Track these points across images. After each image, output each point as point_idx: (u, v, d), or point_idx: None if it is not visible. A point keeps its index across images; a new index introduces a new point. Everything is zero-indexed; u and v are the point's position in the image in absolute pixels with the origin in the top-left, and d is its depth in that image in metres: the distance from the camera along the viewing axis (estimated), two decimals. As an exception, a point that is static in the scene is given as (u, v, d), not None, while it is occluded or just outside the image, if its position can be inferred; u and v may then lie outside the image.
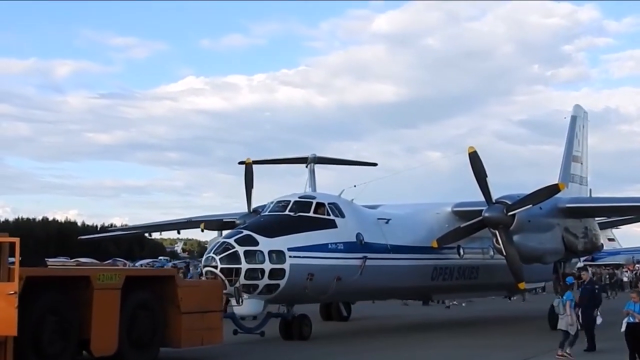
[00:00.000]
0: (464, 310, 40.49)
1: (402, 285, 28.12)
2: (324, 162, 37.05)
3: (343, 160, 39.12)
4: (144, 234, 52.12)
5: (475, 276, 30.97)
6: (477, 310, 39.94)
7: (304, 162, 35.85)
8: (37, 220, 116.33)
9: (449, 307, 41.09)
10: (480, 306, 42.03)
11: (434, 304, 39.98)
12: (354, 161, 39.86)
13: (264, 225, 24.90)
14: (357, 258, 26.00)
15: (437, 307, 40.78)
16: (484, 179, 27.07)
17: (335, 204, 26.23)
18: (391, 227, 27.74)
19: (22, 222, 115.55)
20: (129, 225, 54.20)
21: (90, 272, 18.31)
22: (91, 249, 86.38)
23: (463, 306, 42.63)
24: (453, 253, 29.79)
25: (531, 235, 27.78)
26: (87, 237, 54.56)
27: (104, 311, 18.23)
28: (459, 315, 37.69)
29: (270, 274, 23.84)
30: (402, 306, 39.65)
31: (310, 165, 35.47)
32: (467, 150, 27.21)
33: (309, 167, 35.52)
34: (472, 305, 42.72)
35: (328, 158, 37.59)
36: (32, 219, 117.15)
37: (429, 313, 37.49)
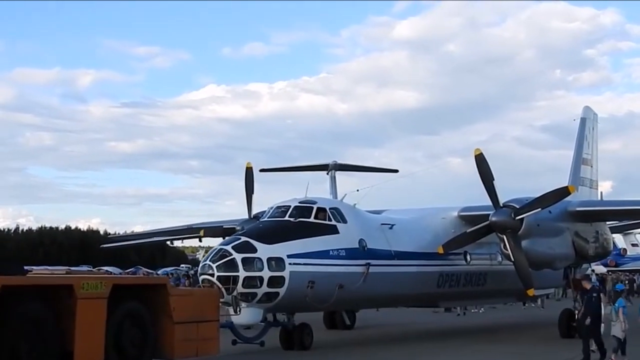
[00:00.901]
0: (475, 317, 39.04)
1: (407, 292, 26.79)
2: (344, 169, 36.56)
3: (364, 167, 38.31)
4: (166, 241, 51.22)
5: (482, 283, 29.64)
6: (488, 318, 38.57)
7: (325, 169, 35.47)
8: (60, 229, 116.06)
9: (462, 314, 39.49)
10: (497, 313, 40.51)
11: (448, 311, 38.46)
12: (375, 168, 39.04)
13: (262, 232, 23.64)
14: (359, 265, 24.78)
15: (450, 314, 39.61)
16: (490, 182, 25.82)
17: (337, 209, 24.96)
18: (395, 233, 26.47)
19: (46, 230, 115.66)
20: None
21: (73, 281, 17.05)
22: (113, 257, 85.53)
23: (481, 312, 41.16)
24: (460, 259, 28.49)
25: (540, 240, 26.50)
26: (109, 246, 53.45)
27: (89, 322, 17.01)
28: (470, 322, 36.33)
29: (269, 282, 22.60)
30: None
31: (331, 172, 35.06)
32: (473, 153, 25.79)
33: (330, 174, 35.08)
34: (486, 312, 41.22)
35: (349, 165, 37.05)
36: (55, 228, 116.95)
37: (437, 321, 36.05)
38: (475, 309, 41.39)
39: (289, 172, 38.75)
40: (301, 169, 37.84)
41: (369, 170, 38.31)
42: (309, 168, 37.25)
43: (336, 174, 35.36)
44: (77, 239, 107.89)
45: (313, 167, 36.77)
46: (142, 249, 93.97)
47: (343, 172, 36.70)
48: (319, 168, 35.98)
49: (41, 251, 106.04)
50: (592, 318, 21.37)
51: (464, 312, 40.00)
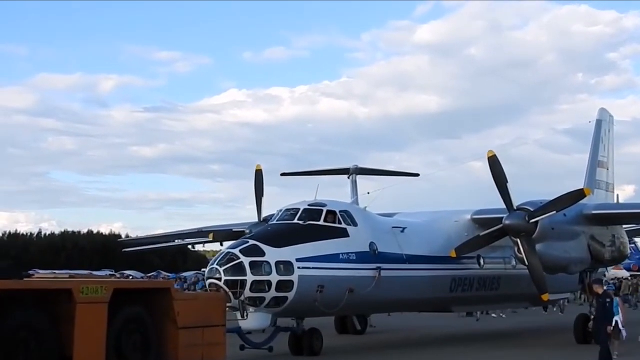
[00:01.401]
0: (492, 322, 38.04)
1: (419, 297, 25.99)
2: (366, 173, 36.09)
3: (385, 171, 37.67)
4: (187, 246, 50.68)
5: (496, 287, 28.77)
6: (506, 323, 37.64)
7: (346, 173, 34.99)
8: (83, 233, 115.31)
9: (479, 319, 38.49)
10: (516, 318, 39.55)
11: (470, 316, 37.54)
12: (396, 172, 38.19)
13: (271, 235, 22.89)
14: (370, 269, 23.99)
15: (469, 319, 38.60)
16: (504, 184, 25.05)
17: (347, 212, 24.20)
18: (407, 236, 25.67)
19: (68, 235, 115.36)
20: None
21: (72, 285, 16.38)
22: (136, 262, 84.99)
23: (503, 317, 40.21)
24: (473, 263, 27.67)
25: (555, 244, 25.66)
26: (132, 250, 52.98)
27: (89, 327, 16.36)
28: (485, 327, 35.44)
29: (277, 286, 21.87)
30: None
31: (353, 176, 34.55)
32: (487, 155, 25.01)
33: (351, 178, 34.58)
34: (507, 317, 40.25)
35: (370, 169, 36.61)
36: (77, 232, 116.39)
37: (451, 326, 35.09)
38: (496, 314, 40.27)
39: (310, 176, 37.95)
40: (322, 173, 37.35)
41: (390, 174, 37.62)
42: (330, 172, 36.90)
43: (357, 178, 34.90)
44: (100, 244, 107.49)
45: (334, 171, 36.44)
46: (164, 254, 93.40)
47: (364, 176, 36.25)
48: (340, 172, 35.62)
49: (64, 256, 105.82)
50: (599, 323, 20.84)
51: (478, 316, 38.82)
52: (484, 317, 39.93)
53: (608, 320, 20.98)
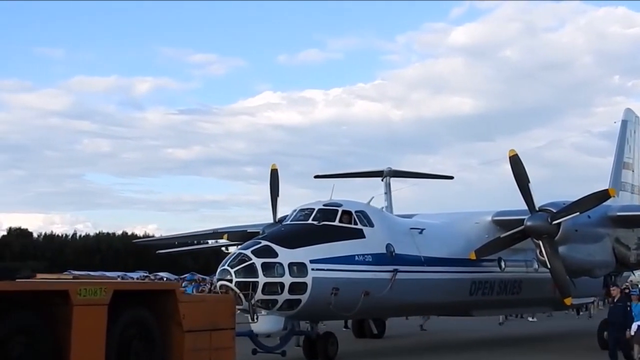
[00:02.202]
0: (516, 326, 36.39)
1: (437, 300, 24.67)
2: (399, 176, 35.12)
3: (419, 173, 36.52)
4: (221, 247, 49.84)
5: (517, 291, 27.39)
6: (530, 327, 36.01)
7: (379, 175, 34.21)
8: (117, 235, 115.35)
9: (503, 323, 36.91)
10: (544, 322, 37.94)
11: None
12: (430, 174, 37.30)
13: (284, 235, 21.67)
14: (386, 271, 22.71)
15: (488, 323, 36.58)
16: (526, 184, 23.75)
17: (363, 212, 22.93)
18: (425, 238, 24.34)
19: (103, 236, 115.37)
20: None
21: (68, 286, 15.20)
22: (169, 263, 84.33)
23: (532, 321, 38.56)
24: (494, 266, 26.28)
25: (578, 246, 24.38)
26: (165, 252, 52.12)
27: (87, 331, 15.21)
28: (508, 331, 33.94)
29: (290, 289, 20.65)
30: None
31: (386, 179, 33.76)
32: (508, 154, 23.63)
33: (385, 181, 33.81)
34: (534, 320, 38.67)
35: (404, 171, 35.56)
36: (112, 234, 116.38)
37: (473, 329, 33.45)
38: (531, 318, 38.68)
39: (344, 178, 36.79)
40: (356, 175, 36.56)
41: (424, 177, 36.81)
42: (363, 174, 36.05)
43: (391, 180, 34.05)
44: (134, 245, 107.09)
45: (368, 174, 35.62)
46: (198, 255, 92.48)
47: (398, 178, 35.24)
48: (374, 174, 34.83)
49: (98, 257, 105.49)
50: (618, 328, 19.66)
51: (502, 319, 37.09)
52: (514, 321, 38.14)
53: (627, 326, 19.53)
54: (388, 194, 33.39)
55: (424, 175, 36.75)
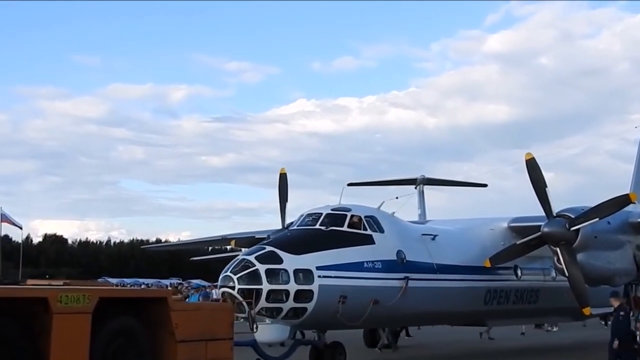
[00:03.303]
0: (537, 337, 34.17)
1: (451, 309, 22.89)
2: (433, 184, 33.94)
3: (452, 181, 35.30)
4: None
5: (534, 300, 25.52)
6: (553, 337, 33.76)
7: (413, 183, 32.94)
8: (151, 242, 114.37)
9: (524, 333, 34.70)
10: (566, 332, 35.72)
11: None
12: (464, 182, 35.89)
13: (290, 241, 19.98)
14: (397, 279, 20.95)
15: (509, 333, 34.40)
16: (543, 189, 22.04)
17: (373, 217, 21.17)
18: (438, 244, 22.57)
19: (137, 243, 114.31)
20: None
21: (47, 293, 13.51)
22: (202, 270, 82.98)
23: (554, 330, 36.37)
24: (509, 274, 24.46)
25: (598, 254, 22.64)
26: (198, 259, 50.73)
27: (69, 341, 13.74)
28: (528, 342, 31.73)
29: (295, 296, 18.95)
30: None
31: (420, 186, 32.54)
32: (524, 157, 21.73)
33: (418, 189, 32.58)
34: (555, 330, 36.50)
35: (437, 179, 34.34)
36: (145, 240, 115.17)
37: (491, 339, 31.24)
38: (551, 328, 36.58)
39: (377, 186, 35.06)
40: (389, 183, 35.04)
41: (458, 185, 35.53)
42: (397, 182, 34.52)
43: (424, 188, 32.77)
44: (167, 252, 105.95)
45: (401, 182, 34.13)
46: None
47: (431, 186, 33.99)
48: (407, 182, 33.43)
49: (132, 264, 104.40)
50: (619, 340, 17.89)
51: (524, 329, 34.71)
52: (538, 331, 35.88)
53: (618, 335, 18.06)
54: (421, 202, 32.12)
55: (458, 183, 35.45)
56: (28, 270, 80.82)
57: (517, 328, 33.91)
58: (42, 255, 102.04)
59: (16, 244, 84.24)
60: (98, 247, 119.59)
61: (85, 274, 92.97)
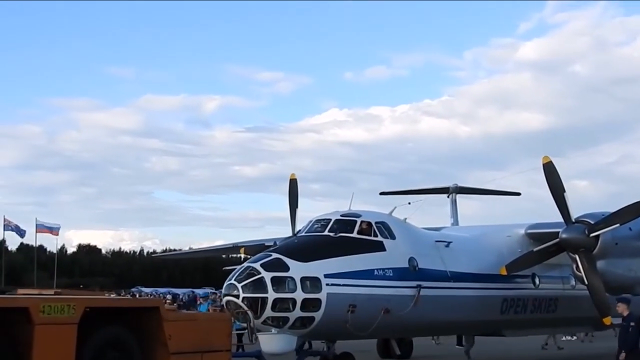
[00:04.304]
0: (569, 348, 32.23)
1: (465, 319, 21.49)
2: (465, 192, 32.59)
3: (485, 190, 33.72)
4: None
5: (553, 309, 23.99)
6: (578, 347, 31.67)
7: (445, 192, 31.66)
8: (184, 251, 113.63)
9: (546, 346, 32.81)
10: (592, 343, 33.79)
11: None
12: (497, 191, 34.28)
13: (297, 248, 18.69)
14: (409, 287, 19.53)
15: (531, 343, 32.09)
16: (561, 194, 20.70)
17: (384, 223, 19.82)
18: (452, 251, 21.16)
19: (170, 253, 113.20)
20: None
21: (29, 303, 12.24)
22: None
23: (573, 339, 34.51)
24: (527, 282, 22.98)
25: (618, 261, 21.12)
26: (231, 268, 49.31)
27: (52, 353, 12.64)
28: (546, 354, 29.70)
29: (302, 305, 17.59)
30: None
31: (452, 195, 31.24)
32: (542, 161, 20.27)
33: (451, 198, 31.27)
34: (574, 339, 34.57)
35: (470, 188, 32.91)
36: (179, 250, 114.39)
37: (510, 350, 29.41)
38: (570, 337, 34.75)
39: (409, 195, 33.72)
40: (421, 192, 33.16)
41: (491, 193, 33.94)
42: (429, 191, 32.96)
43: (457, 197, 31.42)
44: (200, 262, 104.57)
45: (434, 190, 32.69)
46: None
47: (464, 195, 32.61)
48: (440, 191, 32.12)
49: (165, 274, 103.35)
50: (627, 353, 16.33)
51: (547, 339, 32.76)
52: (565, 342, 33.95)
53: (626, 347, 16.44)
54: (454, 211, 30.81)
55: (491, 192, 33.93)
56: (62, 281, 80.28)
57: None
58: (76, 265, 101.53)
59: (51, 254, 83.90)
60: (131, 257, 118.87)
61: (118, 283, 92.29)
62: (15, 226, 57.02)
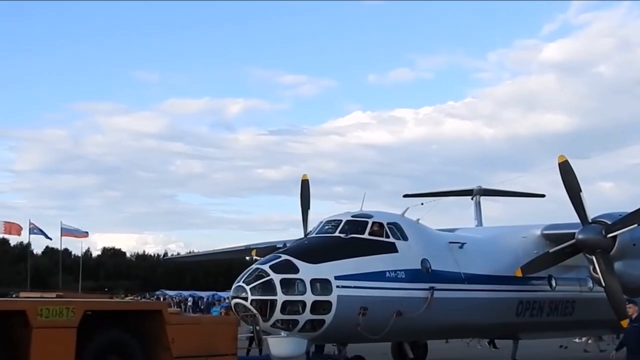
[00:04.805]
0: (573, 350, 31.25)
1: (480, 321, 20.81)
2: (489, 194, 31.57)
3: (509, 191, 32.66)
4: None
5: (570, 312, 23.25)
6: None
7: (469, 194, 30.71)
8: (196, 254, 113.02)
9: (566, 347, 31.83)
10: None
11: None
12: (521, 192, 33.46)
13: (307, 249, 18.15)
14: (422, 289, 18.92)
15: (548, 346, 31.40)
16: (577, 194, 20.06)
17: (396, 224, 19.23)
18: (466, 253, 20.51)
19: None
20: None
21: (26, 306, 11.69)
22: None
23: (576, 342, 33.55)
24: (543, 284, 22.29)
25: (637, 262, 20.27)
26: None
27: (50, 357, 11.86)
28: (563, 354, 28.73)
29: (312, 308, 17.04)
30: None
31: (476, 197, 30.29)
32: (557, 160, 19.64)
33: (475, 200, 30.29)
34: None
35: (494, 190, 31.80)
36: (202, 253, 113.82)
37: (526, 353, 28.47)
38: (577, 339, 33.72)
39: (433, 197, 32.92)
40: (445, 194, 32.32)
41: (515, 195, 33.08)
42: (453, 193, 32.25)
43: (481, 199, 30.48)
44: (224, 265, 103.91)
45: (457, 193, 31.87)
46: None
47: (488, 197, 31.73)
48: (464, 193, 31.21)
49: (189, 276, 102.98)
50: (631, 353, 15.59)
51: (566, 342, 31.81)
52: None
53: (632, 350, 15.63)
54: (478, 213, 29.94)
55: (515, 194, 33.04)
56: (87, 284, 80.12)
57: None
58: (101, 269, 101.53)
59: (76, 258, 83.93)
60: (155, 261, 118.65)
61: (143, 287, 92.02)
62: (40, 230, 56.81)
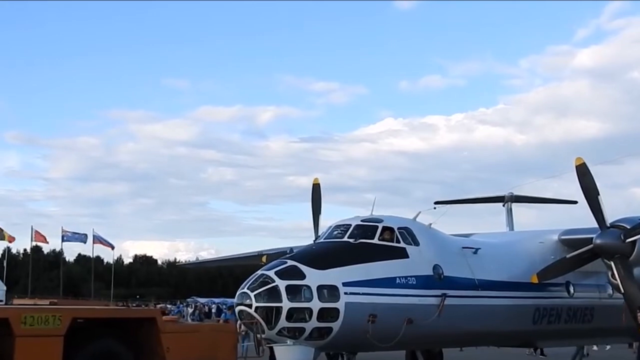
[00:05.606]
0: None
1: (495, 329, 19.76)
2: (521, 201, 30.81)
3: (541, 198, 31.92)
4: None
5: (589, 319, 22.13)
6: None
7: (501, 200, 30.04)
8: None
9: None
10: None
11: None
12: (553, 199, 32.69)
13: (314, 254, 17.29)
14: (434, 296, 17.92)
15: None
16: (595, 197, 19.05)
17: (408, 229, 18.31)
18: (480, 258, 19.48)
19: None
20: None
21: (9, 313, 10.80)
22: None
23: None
24: (561, 290, 21.20)
25: None
26: None
27: None
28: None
29: (319, 315, 16.12)
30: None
31: (508, 204, 29.61)
32: (574, 163, 18.54)
33: (506, 206, 29.64)
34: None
35: (526, 196, 30.92)
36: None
37: None
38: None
39: (465, 204, 31.96)
40: (477, 201, 32.18)
41: (547, 202, 32.26)
42: (484, 200, 31.70)
43: (513, 205, 29.79)
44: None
45: (489, 199, 31.26)
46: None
47: (520, 203, 30.93)
48: (495, 200, 30.58)
49: (220, 283, 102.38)
50: None
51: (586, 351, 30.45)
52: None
53: None
54: (509, 220, 29.20)
55: (547, 200, 32.22)
56: (119, 291, 79.68)
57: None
58: (133, 276, 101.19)
59: (108, 265, 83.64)
60: (186, 268, 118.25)
61: (174, 294, 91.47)
62: (73, 233, 56.19)
